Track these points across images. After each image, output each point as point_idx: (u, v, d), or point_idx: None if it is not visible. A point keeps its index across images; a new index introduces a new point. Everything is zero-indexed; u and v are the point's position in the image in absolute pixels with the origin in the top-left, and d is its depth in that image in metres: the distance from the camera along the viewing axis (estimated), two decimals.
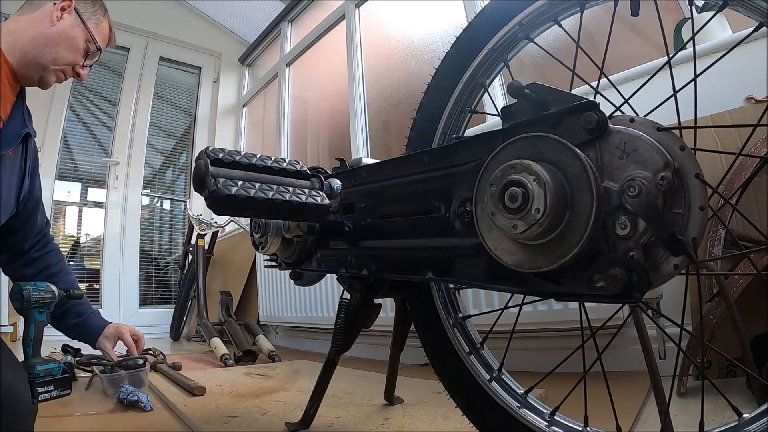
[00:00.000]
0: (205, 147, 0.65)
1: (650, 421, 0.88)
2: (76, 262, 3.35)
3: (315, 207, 0.68)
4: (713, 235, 0.98)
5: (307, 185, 0.71)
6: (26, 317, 1.36)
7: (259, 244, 0.96)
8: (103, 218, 3.35)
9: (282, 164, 0.71)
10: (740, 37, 0.76)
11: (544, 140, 0.51)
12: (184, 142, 3.88)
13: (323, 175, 0.76)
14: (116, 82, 3.52)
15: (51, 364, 1.27)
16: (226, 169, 0.63)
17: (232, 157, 0.65)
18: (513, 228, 0.49)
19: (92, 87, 3.41)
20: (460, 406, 0.72)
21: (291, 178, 0.70)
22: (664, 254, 0.46)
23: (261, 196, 0.62)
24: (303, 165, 0.74)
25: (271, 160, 0.70)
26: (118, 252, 3.33)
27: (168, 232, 3.78)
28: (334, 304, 1.98)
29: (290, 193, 0.66)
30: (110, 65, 3.51)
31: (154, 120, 3.64)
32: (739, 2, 0.49)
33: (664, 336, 1.11)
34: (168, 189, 3.81)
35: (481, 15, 0.71)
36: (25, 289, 1.36)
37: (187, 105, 3.93)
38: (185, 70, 3.94)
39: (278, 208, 0.65)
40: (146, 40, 3.65)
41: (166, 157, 3.81)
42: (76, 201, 3.34)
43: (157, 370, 1.64)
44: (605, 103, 0.54)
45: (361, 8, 2.72)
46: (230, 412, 1.06)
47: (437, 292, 0.76)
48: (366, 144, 2.53)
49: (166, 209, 3.84)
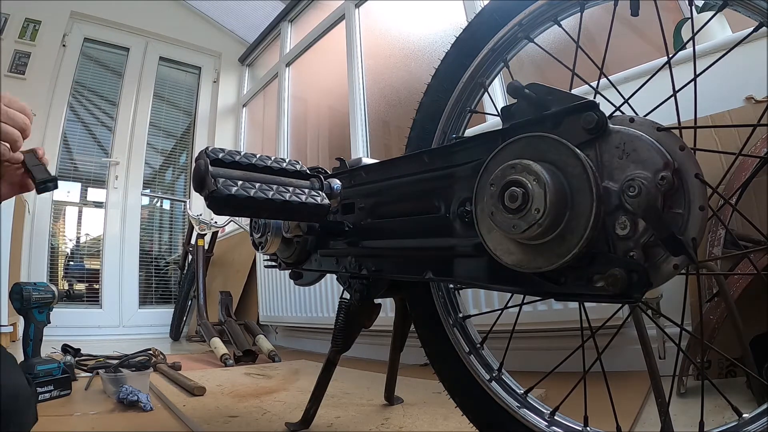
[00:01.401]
0: (205, 147, 0.65)
1: (650, 421, 0.88)
2: (76, 262, 3.35)
3: (315, 207, 0.68)
4: (713, 235, 0.98)
5: (307, 185, 0.71)
6: (26, 317, 1.36)
7: (259, 244, 0.96)
8: (103, 218, 3.35)
9: (282, 164, 0.71)
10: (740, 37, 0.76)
11: (544, 140, 0.51)
12: (184, 142, 3.88)
13: (323, 175, 0.76)
14: (116, 82, 3.51)
15: (51, 364, 1.27)
16: (225, 169, 0.63)
17: (232, 157, 0.65)
18: (513, 228, 0.49)
19: (92, 87, 3.41)
20: (460, 406, 0.72)
21: (291, 178, 0.70)
22: (664, 254, 0.46)
23: (261, 196, 0.62)
24: (303, 165, 0.74)
25: (271, 160, 0.70)
26: (118, 252, 3.33)
27: (168, 232, 3.78)
28: (334, 304, 1.98)
29: (290, 193, 0.66)
30: (110, 65, 3.52)
31: (154, 120, 3.64)
32: (739, 2, 0.49)
33: (664, 336, 1.11)
34: (168, 189, 3.81)
35: (481, 15, 0.71)
36: (25, 289, 1.37)
37: (187, 105, 3.93)
38: (185, 70, 3.94)
39: (278, 208, 0.65)
40: (146, 40, 3.65)
41: (166, 157, 3.81)
42: (76, 201, 3.34)
43: (157, 370, 1.64)
44: (605, 103, 0.54)
45: (361, 8, 2.72)
46: (230, 412, 1.06)
47: (437, 292, 0.76)
48: (366, 144, 2.53)
49: (166, 209, 3.84)
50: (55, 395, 1.21)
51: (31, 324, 1.34)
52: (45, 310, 1.37)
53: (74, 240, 3.37)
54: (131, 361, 1.65)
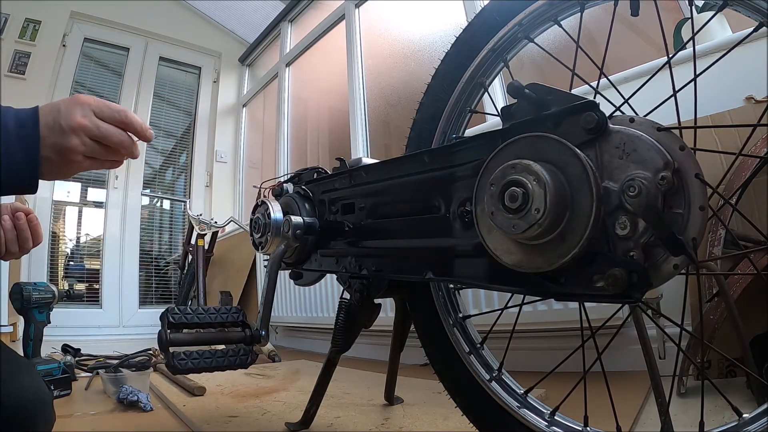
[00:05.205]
0: (166, 309, 0.80)
1: (650, 421, 0.88)
2: (76, 262, 3.35)
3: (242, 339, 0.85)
4: (713, 235, 0.98)
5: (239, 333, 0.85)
6: (26, 317, 1.36)
7: (259, 244, 0.96)
8: (103, 218, 3.35)
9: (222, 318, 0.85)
10: (740, 37, 0.76)
11: (544, 140, 0.51)
12: (184, 142, 3.88)
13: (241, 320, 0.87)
14: (116, 82, 3.51)
15: (51, 364, 1.28)
16: (179, 335, 0.79)
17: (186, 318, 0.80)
18: (513, 228, 0.49)
19: (92, 87, 3.41)
20: (460, 407, 0.72)
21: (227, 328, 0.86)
22: (664, 254, 0.46)
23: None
24: (241, 315, 0.87)
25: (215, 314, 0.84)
26: (118, 252, 3.33)
27: (168, 232, 3.78)
28: (334, 304, 1.98)
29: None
30: (110, 65, 3.52)
31: (154, 120, 3.64)
32: (739, 2, 0.49)
33: (664, 336, 1.11)
34: (168, 189, 3.81)
35: (481, 15, 0.71)
36: (25, 289, 1.37)
37: (187, 105, 3.93)
38: (185, 70, 3.94)
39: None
40: (146, 40, 3.65)
41: (166, 157, 3.81)
42: (76, 201, 3.34)
43: (157, 370, 1.64)
44: (605, 103, 0.54)
45: (361, 8, 2.72)
46: (230, 412, 1.06)
47: (437, 292, 0.76)
48: (366, 144, 2.53)
49: (166, 209, 3.83)
50: (55, 395, 1.21)
51: (31, 324, 1.34)
52: (45, 310, 1.37)
53: (74, 240, 3.37)
54: (131, 361, 1.65)
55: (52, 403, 0.57)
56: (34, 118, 0.47)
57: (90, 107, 0.50)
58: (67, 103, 0.49)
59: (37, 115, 0.48)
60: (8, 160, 0.45)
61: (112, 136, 0.51)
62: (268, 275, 0.89)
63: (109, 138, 0.50)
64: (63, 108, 0.49)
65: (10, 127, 0.46)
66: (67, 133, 0.47)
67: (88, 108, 0.49)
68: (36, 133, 0.47)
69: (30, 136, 0.47)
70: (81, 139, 0.48)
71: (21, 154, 0.46)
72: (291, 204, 0.96)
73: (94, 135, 0.49)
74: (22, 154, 0.46)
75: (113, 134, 0.51)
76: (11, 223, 0.62)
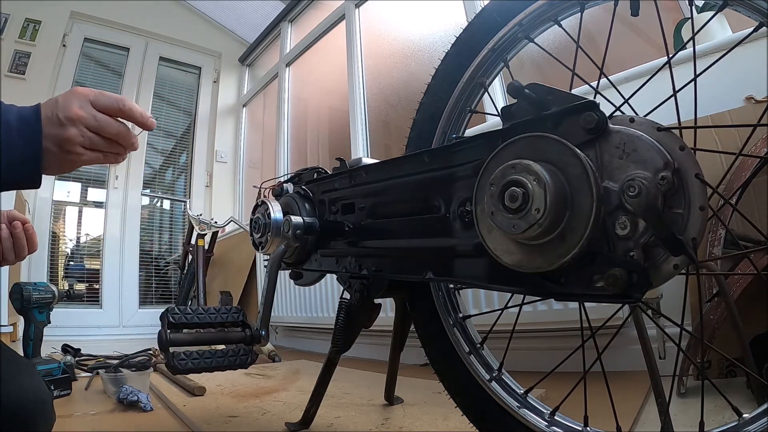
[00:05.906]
0: (166, 309, 0.80)
1: (650, 421, 0.88)
2: (76, 262, 3.35)
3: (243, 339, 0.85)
4: (713, 235, 0.98)
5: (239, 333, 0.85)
6: (26, 317, 1.36)
7: (259, 244, 0.96)
8: (103, 218, 3.35)
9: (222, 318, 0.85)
10: (740, 37, 0.76)
11: (544, 140, 0.51)
12: (184, 142, 3.88)
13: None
14: (116, 82, 3.51)
15: (51, 364, 1.28)
16: (179, 335, 0.79)
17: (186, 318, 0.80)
18: (513, 228, 0.49)
19: (92, 87, 3.40)
20: (459, 407, 0.72)
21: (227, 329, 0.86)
22: (664, 254, 0.46)
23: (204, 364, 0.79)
24: (240, 314, 0.87)
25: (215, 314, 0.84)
26: (118, 252, 3.33)
27: (168, 232, 3.78)
28: (334, 304, 1.98)
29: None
30: (110, 65, 3.51)
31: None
32: (739, 2, 0.49)
33: (664, 336, 1.11)
34: (168, 189, 3.81)
35: (481, 15, 0.71)
36: (25, 289, 1.37)
37: (187, 105, 3.93)
38: (185, 70, 3.94)
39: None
40: (146, 40, 3.65)
41: (166, 157, 3.81)
42: (76, 201, 3.34)
43: (157, 370, 1.64)
44: (605, 103, 0.54)
45: (361, 8, 2.72)
46: (230, 412, 1.06)
47: (437, 292, 0.76)
48: (366, 144, 2.53)
49: (166, 209, 3.83)
50: (55, 395, 1.21)
51: (31, 324, 1.34)
52: (45, 310, 1.37)
53: (74, 240, 3.37)
54: (131, 361, 1.65)
55: (52, 403, 0.57)
56: (36, 114, 0.48)
57: (87, 98, 0.50)
58: (65, 95, 0.50)
59: (39, 111, 0.48)
60: (10, 152, 0.46)
61: (109, 127, 0.51)
62: (268, 275, 0.88)
63: (106, 128, 0.51)
64: (61, 100, 0.49)
65: (12, 122, 0.46)
66: (64, 125, 0.48)
67: (85, 99, 0.50)
68: (38, 127, 0.47)
69: (32, 130, 0.47)
70: (79, 129, 0.49)
71: (22, 146, 0.46)
72: (291, 204, 0.96)
73: (91, 126, 0.49)
74: (23, 147, 0.47)
75: (111, 125, 0.51)
76: (8, 231, 0.62)
